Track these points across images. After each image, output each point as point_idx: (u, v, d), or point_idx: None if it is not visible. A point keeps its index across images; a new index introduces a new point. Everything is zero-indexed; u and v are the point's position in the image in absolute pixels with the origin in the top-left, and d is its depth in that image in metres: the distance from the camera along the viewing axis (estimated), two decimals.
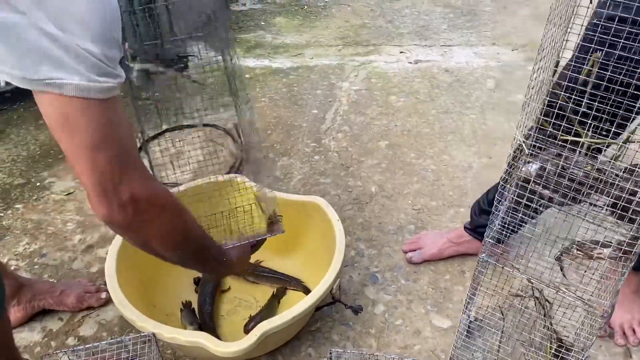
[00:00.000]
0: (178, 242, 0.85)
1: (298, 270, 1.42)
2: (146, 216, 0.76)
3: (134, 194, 0.72)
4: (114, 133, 0.70)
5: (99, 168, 0.69)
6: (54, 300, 1.33)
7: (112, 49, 0.67)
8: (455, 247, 1.51)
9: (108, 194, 0.71)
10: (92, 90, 0.65)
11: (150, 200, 0.75)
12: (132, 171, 0.72)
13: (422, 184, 1.83)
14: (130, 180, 0.72)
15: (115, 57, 0.68)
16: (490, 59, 2.68)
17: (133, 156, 0.73)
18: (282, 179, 1.86)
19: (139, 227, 0.78)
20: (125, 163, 0.72)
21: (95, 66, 0.65)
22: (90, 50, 0.64)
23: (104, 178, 0.70)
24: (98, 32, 0.64)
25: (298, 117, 2.23)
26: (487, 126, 2.15)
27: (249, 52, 2.84)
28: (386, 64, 2.68)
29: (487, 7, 3.33)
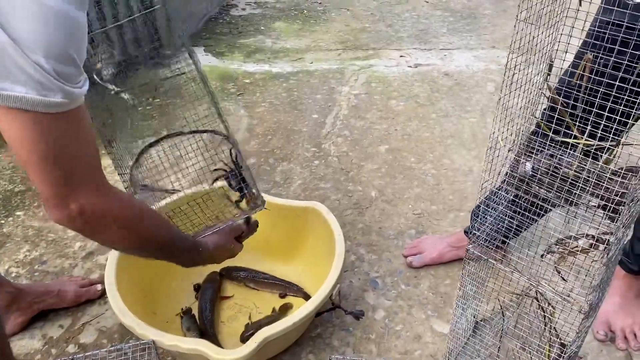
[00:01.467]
0: (136, 246, 0.88)
1: (298, 276, 1.41)
2: (96, 228, 0.78)
3: (82, 210, 0.74)
4: (65, 149, 0.70)
5: (48, 182, 0.71)
6: (53, 300, 1.34)
7: (68, 66, 0.66)
8: (455, 252, 1.51)
9: (57, 205, 0.73)
10: (39, 104, 0.64)
11: (99, 216, 0.76)
12: (82, 188, 0.73)
13: (422, 189, 1.83)
14: (78, 196, 0.73)
15: (71, 74, 0.67)
16: (490, 63, 2.69)
17: (86, 171, 0.74)
18: (282, 184, 1.86)
19: (91, 234, 0.81)
20: (75, 180, 0.73)
21: (46, 80, 0.64)
22: (41, 64, 0.62)
23: (53, 191, 0.72)
24: (52, 46, 0.63)
25: (298, 122, 2.24)
26: (488, 130, 2.15)
27: (248, 57, 2.84)
28: (386, 68, 2.68)
29: (486, 11, 3.34)
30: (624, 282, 1.33)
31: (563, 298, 0.90)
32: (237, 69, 2.70)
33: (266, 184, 1.86)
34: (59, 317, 1.35)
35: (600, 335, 1.30)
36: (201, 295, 1.35)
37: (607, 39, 0.78)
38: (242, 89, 2.51)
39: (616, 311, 1.32)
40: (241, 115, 2.29)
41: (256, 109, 2.34)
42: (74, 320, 1.35)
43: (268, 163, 1.98)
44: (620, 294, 1.33)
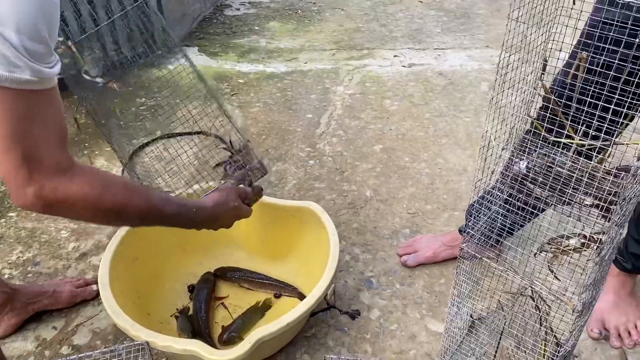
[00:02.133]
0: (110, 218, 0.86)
1: (293, 276, 1.41)
2: (59, 209, 0.77)
3: (40, 192, 0.73)
4: (28, 129, 0.69)
5: (8, 165, 0.70)
6: (48, 301, 1.33)
7: (39, 44, 0.65)
8: (450, 251, 1.51)
9: (18, 190, 0.72)
10: (8, 81, 0.64)
11: (59, 197, 0.75)
12: (42, 171, 0.72)
13: (416, 188, 1.83)
14: (36, 179, 0.72)
15: (41, 53, 0.66)
16: (484, 62, 2.69)
17: (44, 155, 0.72)
18: (277, 184, 1.86)
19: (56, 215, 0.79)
20: (34, 162, 0.71)
21: (14, 56, 0.63)
22: (10, 40, 0.62)
23: (13, 175, 0.71)
24: (23, 23, 0.62)
25: (292, 122, 2.23)
26: (482, 129, 2.15)
27: (243, 57, 2.84)
28: (380, 68, 2.68)
29: (480, 10, 3.35)
30: (618, 280, 1.34)
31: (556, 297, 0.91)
32: (231, 69, 2.70)
33: (261, 184, 1.85)
34: (52, 319, 1.35)
35: (594, 334, 1.31)
36: (195, 295, 1.35)
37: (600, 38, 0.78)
38: (236, 89, 2.51)
39: (610, 309, 1.32)
40: (235, 115, 2.29)
41: (250, 109, 2.34)
42: (68, 321, 1.34)
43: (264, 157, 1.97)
44: (615, 292, 1.34)
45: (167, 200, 0.95)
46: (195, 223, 1.03)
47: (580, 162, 0.82)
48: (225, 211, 1.09)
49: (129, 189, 0.88)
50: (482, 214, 0.99)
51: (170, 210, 0.94)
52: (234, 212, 1.11)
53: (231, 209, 1.10)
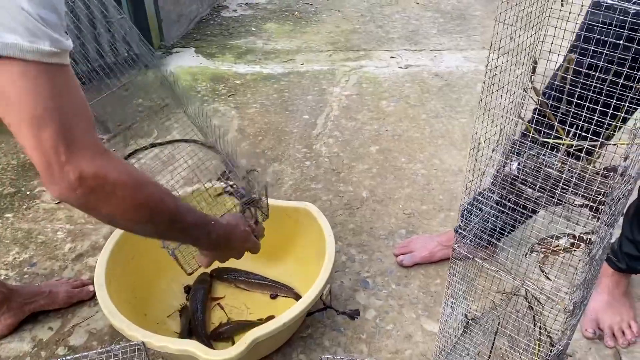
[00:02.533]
0: (144, 216, 0.79)
1: (289, 277, 1.42)
2: (99, 195, 0.71)
3: (82, 174, 0.68)
4: (58, 105, 0.64)
5: (43, 147, 0.65)
6: (45, 301, 1.33)
7: (50, 13, 0.62)
8: (445, 250, 1.52)
9: (55, 174, 0.67)
10: (31, 52, 0.60)
11: (100, 179, 0.70)
12: (79, 149, 0.67)
13: (412, 189, 1.84)
14: (77, 159, 0.67)
15: (53, 22, 0.63)
16: (479, 63, 2.70)
17: (81, 131, 0.68)
18: (273, 184, 1.86)
19: (94, 205, 0.73)
20: (71, 140, 0.66)
21: (33, 26, 0.60)
22: (26, 8, 0.59)
23: (49, 158, 0.65)
24: None
25: (289, 123, 2.24)
26: None
27: (239, 58, 2.84)
28: (377, 69, 2.69)
29: (476, 12, 3.36)
30: (612, 279, 1.34)
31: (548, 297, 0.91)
32: (227, 70, 2.70)
33: (257, 185, 1.85)
34: (48, 319, 1.35)
35: (588, 333, 1.31)
36: (192, 296, 1.35)
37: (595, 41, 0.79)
38: (232, 90, 2.51)
39: (604, 309, 1.33)
40: (232, 116, 2.29)
41: (247, 109, 2.34)
42: (64, 322, 1.34)
43: (259, 164, 1.98)
44: (609, 292, 1.35)
45: (188, 207, 0.91)
46: (210, 239, 0.98)
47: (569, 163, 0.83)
48: (237, 233, 1.06)
49: (162, 187, 0.84)
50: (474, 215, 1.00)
51: (192, 220, 0.90)
52: (245, 236, 1.08)
53: (243, 232, 1.08)
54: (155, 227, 0.83)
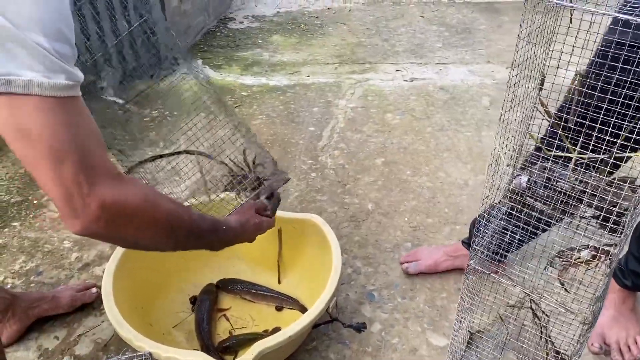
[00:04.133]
0: (165, 233, 0.81)
1: (295, 289, 1.42)
2: (122, 221, 0.72)
3: (104, 203, 0.68)
4: (75, 137, 0.65)
5: (64, 180, 0.65)
6: (48, 306, 1.34)
7: (64, 45, 0.63)
8: (451, 261, 1.52)
9: (77, 206, 0.66)
10: (47, 87, 0.61)
11: (122, 205, 0.71)
12: (99, 178, 0.68)
13: (418, 201, 1.84)
14: (98, 188, 0.67)
15: (67, 54, 0.64)
16: (485, 77, 2.72)
17: (99, 158, 0.68)
18: None
19: (117, 233, 0.73)
20: (91, 170, 0.67)
21: (48, 61, 0.61)
22: (42, 44, 0.60)
23: (71, 190, 0.65)
24: (49, 25, 0.61)
25: (295, 135, 2.25)
26: (483, 143, 2.17)
27: (246, 70, 2.87)
28: (382, 82, 2.70)
29: (481, 26, 3.38)
30: (619, 295, 1.34)
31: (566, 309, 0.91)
32: (234, 82, 2.72)
33: None
34: (54, 328, 1.35)
35: (595, 348, 1.31)
36: (198, 307, 1.35)
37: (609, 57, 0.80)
38: (239, 101, 2.53)
39: (611, 324, 1.33)
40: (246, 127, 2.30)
41: (253, 121, 2.35)
42: (70, 331, 1.34)
43: None
44: (615, 307, 1.34)
45: (202, 216, 0.94)
46: (223, 241, 1.01)
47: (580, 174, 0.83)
48: (249, 228, 1.09)
49: (176, 201, 0.86)
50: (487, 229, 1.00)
51: (206, 227, 0.93)
52: (256, 227, 1.11)
53: (253, 226, 1.10)
54: (175, 241, 0.85)
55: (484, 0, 3.81)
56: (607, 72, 0.80)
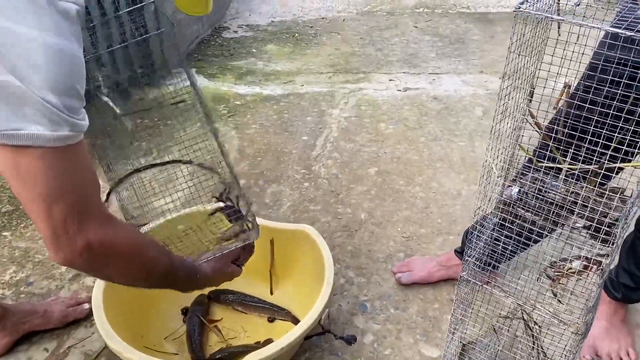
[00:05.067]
0: (141, 275, 0.87)
1: (287, 299, 1.41)
2: (104, 260, 0.77)
3: (89, 243, 0.72)
4: (71, 182, 0.70)
5: (54, 219, 0.69)
6: (39, 321, 1.33)
7: (72, 99, 0.67)
8: (444, 271, 1.52)
9: (63, 243, 0.71)
10: (50, 140, 0.65)
11: (106, 247, 0.75)
12: (88, 220, 0.72)
13: (411, 211, 1.84)
14: (86, 229, 0.72)
15: (75, 107, 0.68)
16: (478, 87, 2.73)
17: (91, 203, 0.73)
18: (272, 205, 1.87)
19: (98, 270, 0.80)
20: (82, 212, 0.71)
21: (55, 116, 0.65)
22: (49, 100, 0.64)
23: (59, 229, 0.70)
24: (58, 82, 0.64)
25: (288, 144, 2.25)
26: (476, 153, 2.18)
27: (240, 79, 2.87)
28: (376, 92, 2.71)
29: (475, 36, 3.40)
30: (610, 307, 1.35)
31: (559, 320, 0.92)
32: (228, 91, 2.72)
33: (256, 205, 1.86)
34: (44, 340, 1.34)
35: None
36: (189, 318, 1.34)
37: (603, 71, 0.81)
38: (233, 110, 2.53)
39: (602, 336, 1.33)
40: (232, 136, 2.30)
41: (247, 130, 2.36)
42: (60, 343, 1.33)
43: (258, 185, 1.99)
44: (607, 319, 1.35)
45: (181, 262, 0.99)
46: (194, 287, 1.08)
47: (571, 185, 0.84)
48: (221, 277, 1.15)
49: (160, 247, 0.93)
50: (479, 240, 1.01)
51: (182, 274, 0.98)
52: (227, 276, 1.17)
53: (225, 275, 1.16)
54: (149, 283, 0.93)
55: (477, 11, 3.84)
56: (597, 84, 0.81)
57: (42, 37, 0.62)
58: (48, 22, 0.63)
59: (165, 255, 0.92)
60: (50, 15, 0.63)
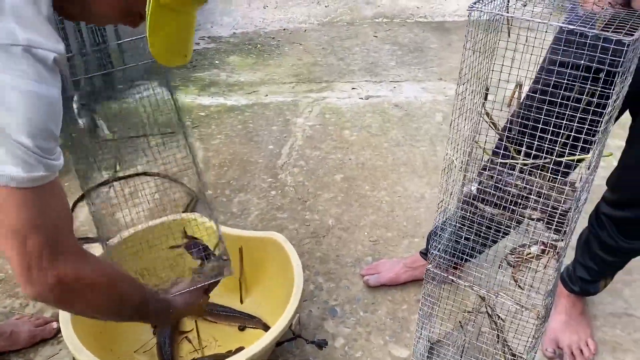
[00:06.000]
0: (112, 310, 0.88)
1: (257, 307, 1.42)
2: (75, 295, 0.78)
3: (60, 278, 0.74)
4: (44, 218, 0.72)
5: (27, 254, 0.71)
6: (5, 342, 1.29)
7: (47, 141, 0.69)
8: (411, 272, 1.56)
9: (35, 277, 0.72)
10: (24, 181, 0.67)
11: (77, 282, 0.77)
12: (60, 256, 0.74)
13: (377, 216, 1.88)
14: (57, 265, 0.73)
15: (50, 148, 0.70)
16: (437, 94, 2.81)
17: (64, 239, 0.75)
18: (239, 215, 1.87)
19: (70, 304, 0.81)
20: (54, 248, 0.73)
21: (31, 159, 0.67)
22: (25, 143, 0.66)
23: (32, 263, 0.71)
24: (33, 126, 0.66)
25: (254, 153, 2.26)
26: (437, 157, 2.23)
27: (203, 90, 2.87)
28: (339, 100, 2.75)
29: (433, 45, 3.50)
30: (569, 300, 1.40)
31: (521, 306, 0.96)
32: (191, 102, 2.72)
33: (223, 215, 1.86)
34: (11, 351, 1.30)
35: (549, 353, 1.36)
36: (159, 330, 1.33)
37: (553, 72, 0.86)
38: (197, 121, 2.52)
39: (563, 329, 1.38)
40: (197, 147, 2.30)
41: (212, 141, 2.35)
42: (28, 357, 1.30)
43: (225, 194, 1.99)
44: (566, 312, 1.40)
45: (153, 296, 1.00)
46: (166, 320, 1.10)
47: (526, 178, 0.88)
48: (191, 310, 1.15)
49: (133, 281, 0.93)
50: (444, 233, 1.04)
51: (153, 308, 0.98)
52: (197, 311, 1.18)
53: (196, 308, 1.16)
54: (121, 317, 0.94)
55: (434, 20, 3.95)
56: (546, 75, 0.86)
57: (18, 83, 0.65)
58: (25, 69, 0.65)
59: (138, 290, 0.93)
60: (27, 62, 0.65)
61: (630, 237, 1.21)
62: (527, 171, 0.90)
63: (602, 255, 1.27)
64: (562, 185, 0.85)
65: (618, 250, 1.24)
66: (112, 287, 0.84)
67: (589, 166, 0.82)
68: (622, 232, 1.21)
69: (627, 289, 1.55)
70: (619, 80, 0.75)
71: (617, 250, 1.24)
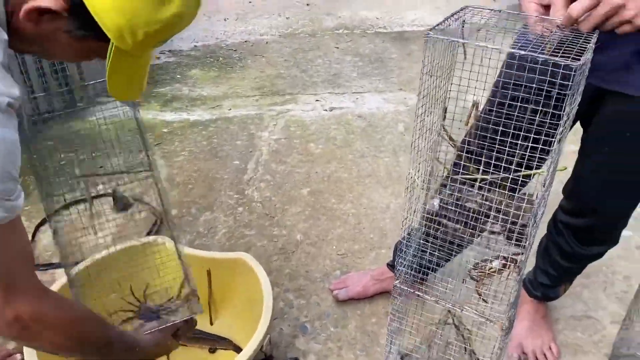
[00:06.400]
0: (72, 349, 0.87)
1: (228, 329, 1.41)
2: (33, 333, 0.78)
3: (18, 316, 0.75)
4: (2, 258, 0.72)
5: None
6: None
7: (7, 183, 0.70)
8: (379, 284, 1.58)
9: None
10: None
11: (36, 321, 0.77)
12: (18, 294, 0.74)
13: (344, 229, 1.90)
14: (14, 303, 0.74)
15: (10, 189, 0.71)
16: (398, 104, 2.85)
17: (22, 277, 0.76)
18: (206, 233, 1.86)
19: (29, 341, 0.81)
20: (12, 287, 0.74)
21: None
22: None
23: None
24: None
25: (219, 169, 2.25)
26: (401, 167, 2.27)
27: (165, 105, 2.84)
28: (303, 112, 2.77)
29: (393, 55, 3.56)
30: (531, 306, 1.45)
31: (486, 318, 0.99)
32: (153, 119, 2.69)
33: (189, 235, 1.85)
34: None
35: (514, 358, 1.40)
36: None
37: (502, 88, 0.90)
38: (160, 138, 2.50)
39: (526, 334, 1.43)
40: (160, 165, 2.27)
41: (175, 158, 2.33)
42: None
43: (190, 213, 1.97)
44: (529, 318, 1.45)
45: (121, 337, 0.99)
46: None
47: (485, 193, 0.91)
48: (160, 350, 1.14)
49: (97, 320, 0.92)
50: (409, 249, 1.07)
51: (120, 347, 0.97)
52: (166, 349, 1.16)
53: (165, 347, 1.15)
54: (83, 355, 0.92)
55: (394, 30, 4.01)
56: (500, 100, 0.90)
57: None
58: None
59: (101, 330, 0.92)
60: None
61: (587, 244, 1.26)
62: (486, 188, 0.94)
63: (560, 262, 1.32)
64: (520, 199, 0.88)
65: (575, 256, 1.29)
66: (72, 327, 0.84)
67: (544, 183, 0.86)
68: (579, 239, 1.26)
69: (585, 291, 1.62)
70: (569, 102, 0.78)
71: (574, 256, 1.29)
